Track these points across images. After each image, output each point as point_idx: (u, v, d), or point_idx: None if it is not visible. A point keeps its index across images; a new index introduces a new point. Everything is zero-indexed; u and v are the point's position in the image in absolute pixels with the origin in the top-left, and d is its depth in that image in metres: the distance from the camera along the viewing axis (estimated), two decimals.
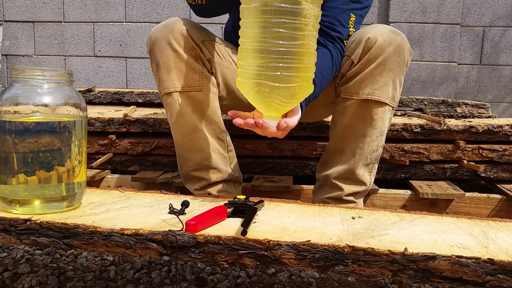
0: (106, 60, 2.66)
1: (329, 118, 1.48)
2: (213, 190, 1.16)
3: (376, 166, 1.15)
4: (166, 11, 2.59)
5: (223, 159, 1.17)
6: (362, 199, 1.18)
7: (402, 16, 2.44)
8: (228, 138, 1.20)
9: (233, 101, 1.25)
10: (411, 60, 2.46)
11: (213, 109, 1.13)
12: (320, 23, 0.86)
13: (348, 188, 1.13)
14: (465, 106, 1.89)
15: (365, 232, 0.73)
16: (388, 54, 1.03)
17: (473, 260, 0.61)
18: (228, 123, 1.49)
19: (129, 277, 1.04)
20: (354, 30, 1.13)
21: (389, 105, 1.07)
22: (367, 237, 0.70)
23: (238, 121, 0.86)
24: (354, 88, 1.07)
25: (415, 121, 1.54)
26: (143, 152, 1.52)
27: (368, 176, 1.14)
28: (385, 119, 1.09)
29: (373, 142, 1.09)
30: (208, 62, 1.11)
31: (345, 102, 1.09)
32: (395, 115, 1.87)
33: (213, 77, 1.13)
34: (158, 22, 1.13)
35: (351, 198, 1.14)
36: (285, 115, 0.89)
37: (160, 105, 1.84)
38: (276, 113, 0.87)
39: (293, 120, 0.87)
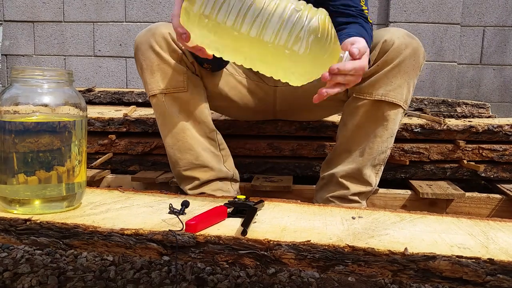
0: (106, 60, 2.66)
1: (330, 118, 1.49)
2: (207, 189, 1.16)
3: (382, 168, 1.15)
4: (166, 11, 2.59)
5: (215, 158, 1.17)
6: (365, 200, 1.18)
7: (402, 16, 2.44)
8: (220, 137, 1.21)
9: (226, 102, 1.25)
10: None
11: (201, 109, 1.14)
12: (334, 6, 0.89)
13: (354, 188, 1.13)
14: (465, 106, 1.89)
15: (365, 232, 0.73)
16: (404, 57, 1.04)
17: (473, 260, 0.61)
18: (228, 123, 1.50)
19: (129, 277, 1.04)
20: (366, 8, 1.13)
21: (402, 107, 1.08)
22: (367, 237, 0.70)
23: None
24: (367, 89, 1.07)
25: (415, 121, 1.54)
26: (143, 152, 1.52)
27: (374, 177, 1.14)
28: (397, 121, 1.10)
29: (383, 143, 1.10)
30: (192, 64, 1.12)
31: (357, 102, 1.09)
32: None
33: (198, 78, 1.14)
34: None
35: (356, 198, 1.14)
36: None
37: None
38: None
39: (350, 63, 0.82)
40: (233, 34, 0.78)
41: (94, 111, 1.67)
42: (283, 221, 0.79)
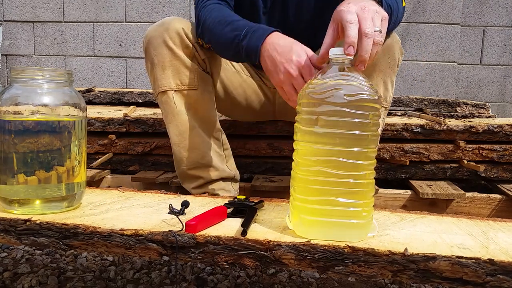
0: (106, 60, 2.66)
1: None
2: (210, 188, 1.16)
3: None
4: (166, 11, 2.59)
5: (219, 157, 1.17)
6: None
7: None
8: (224, 136, 1.21)
9: (230, 102, 1.25)
10: (413, 60, 2.47)
11: (209, 108, 1.14)
12: None
13: None
14: (465, 106, 1.89)
15: None
16: (377, 56, 1.02)
17: (473, 260, 0.61)
18: (228, 123, 1.50)
19: (129, 277, 1.04)
20: None
21: (382, 106, 1.07)
22: (367, 237, 0.70)
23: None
24: None
25: (415, 121, 1.54)
26: (143, 152, 1.52)
27: None
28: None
29: None
30: (203, 62, 1.11)
31: None
32: (395, 115, 1.87)
33: (208, 76, 1.13)
34: None
35: None
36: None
37: None
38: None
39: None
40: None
41: (94, 111, 1.67)
42: (283, 221, 0.79)
